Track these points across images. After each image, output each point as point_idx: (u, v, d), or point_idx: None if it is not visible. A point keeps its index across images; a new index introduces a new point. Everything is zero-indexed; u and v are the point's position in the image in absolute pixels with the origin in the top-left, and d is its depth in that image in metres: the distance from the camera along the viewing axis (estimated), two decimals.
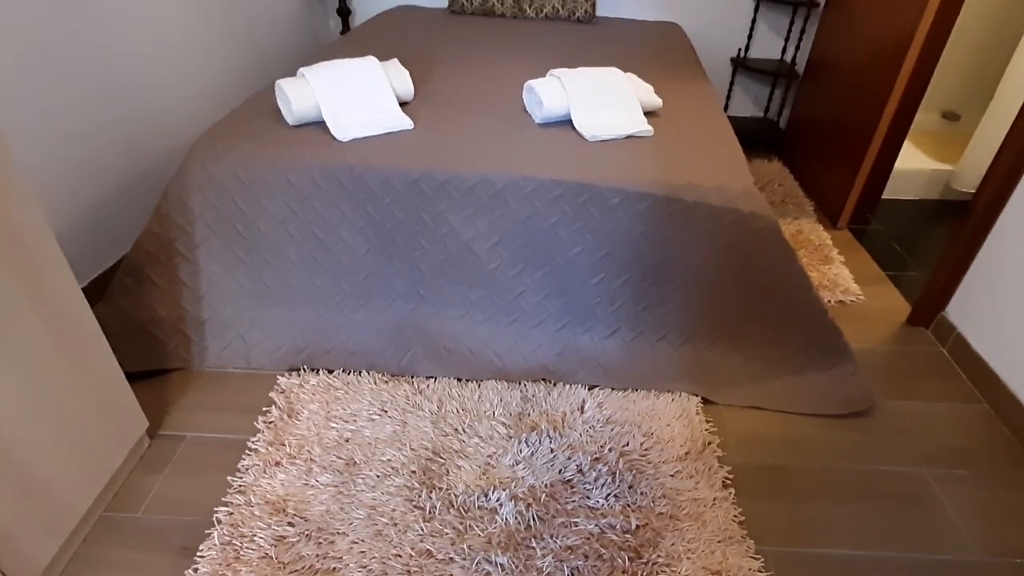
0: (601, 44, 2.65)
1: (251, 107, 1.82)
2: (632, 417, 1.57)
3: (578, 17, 3.00)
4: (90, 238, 1.84)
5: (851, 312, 2.02)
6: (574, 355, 1.70)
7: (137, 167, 2.00)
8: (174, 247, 1.62)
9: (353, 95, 1.72)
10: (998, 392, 1.66)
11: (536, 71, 2.19)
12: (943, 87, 3.15)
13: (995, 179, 1.73)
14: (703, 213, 1.55)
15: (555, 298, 1.69)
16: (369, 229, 1.63)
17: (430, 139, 1.68)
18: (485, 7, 3.02)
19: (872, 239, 2.45)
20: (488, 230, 1.61)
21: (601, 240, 1.60)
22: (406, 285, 1.69)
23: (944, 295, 1.91)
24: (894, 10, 2.25)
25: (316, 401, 1.57)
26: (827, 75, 2.79)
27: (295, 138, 1.65)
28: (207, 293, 1.66)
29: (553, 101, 1.77)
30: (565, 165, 1.60)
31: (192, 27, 2.23)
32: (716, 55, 3.25)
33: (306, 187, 1.59)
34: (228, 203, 1.60)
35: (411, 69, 2.19)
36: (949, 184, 2.71)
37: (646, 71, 2.30)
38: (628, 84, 1.83)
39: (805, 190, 2.81)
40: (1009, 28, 2.96)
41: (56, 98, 1.67)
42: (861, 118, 2.42)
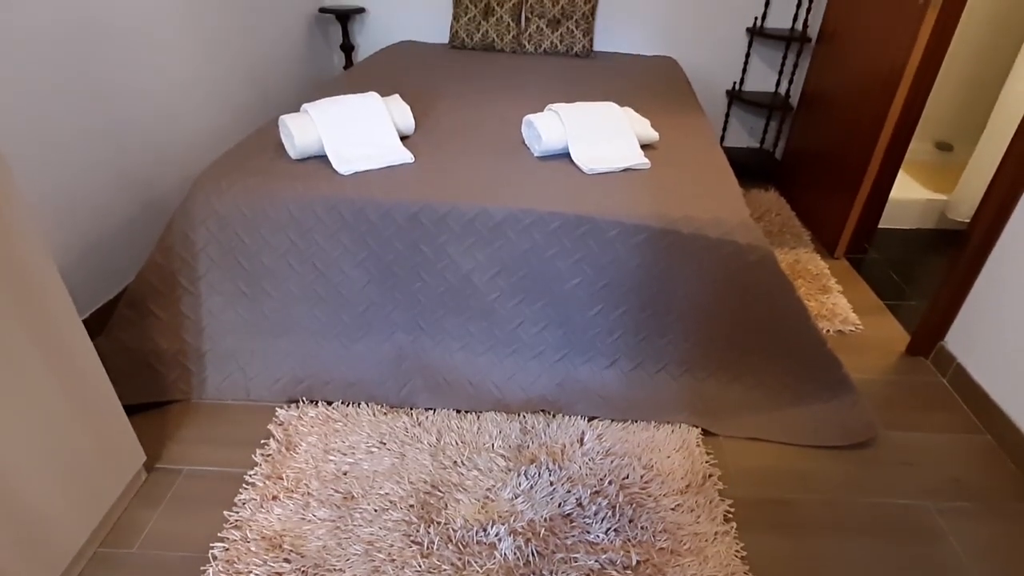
0: (599, 78, 2.70)
1: (255, 141, 1.85)
2: (632, 449, 1.56)
3: (576, 52, 3.07)
4: (93, 269, 1.86)
5: (850, 342, 2.02)
6: (573, 386, 1.69)
7: (142, 199, 2.03)
8: (176, 279, 1.63)
9: (355, 130, 1.75)
10: (1000, 423, 1.65)
11: (535, 105, 2.23)
12: (935, 118, 3.21)
13: (989, 209, 1.75)
14: (700, 245, 1.56)
15: (554, 329, 1.69)
16: (369, 261, 1.64)
17: (430, 172, 1.71)
18: (485, 42, 3.09)
19: (870, 268, 2.47)
20: (487, 262, 1.62)
21: (599, 272, 1.61)
22: (406, 316, 1.70)
23: (943, 325, 1.91)
24: (885, 43, 2.30)
25: (314, 433, 1.56)
26: (821, 107, 2.84)
27: (297, 172, 1.68)
28: (208, 325, 1.66)
29: (551, 135, 1.80)
30: (563, 198, 1.62)
31: (199, 62, 2.29)
32: (712, 88, 3.32)
33: (308, 220, 1.61)
34: (231, 236, 1.62)
35: (413, 103, 2.23)
36: (945, 213, 2.74)
37: (643, 104, 2.35)
38: (625, 118, 1.87)
39: (802, 219, 2.84)
40: (999, 60, 3.02)
41: (63, 129, 1.70)
42: (855, 149, 2.45)
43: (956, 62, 3.05)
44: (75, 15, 1.71)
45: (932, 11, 2.02)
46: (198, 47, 2.28)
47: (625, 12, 3.16)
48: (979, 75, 3.10)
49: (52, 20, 1.64)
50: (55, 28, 1.65)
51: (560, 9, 3.02)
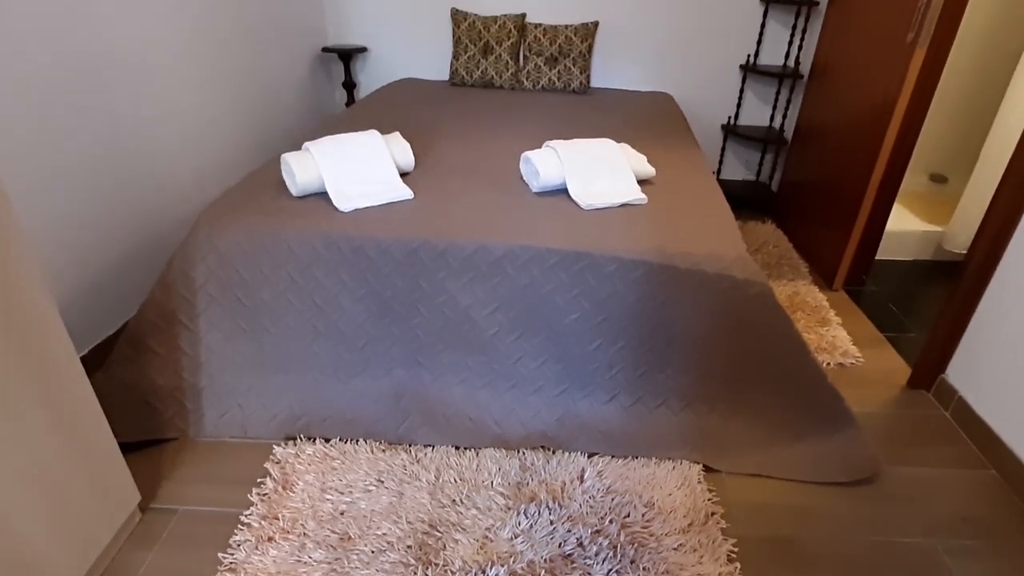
0: (596, 114, 2.75)
1: (257, 179, 1.88)
2: (633, 486, 1.54)
3: (573, 88, 3.13)
4: (95, 304, 1.86)
5: (851, 375, 2.01)
6: (573, 421, 1.68)
7: (143, 235, 2.05)
8: (176, 316, 1.63)
9: (355, 167, 1.78)
10: (1004, 458, 1.64)
11: (533, 141, 2.27)
12: (929, 150, 3.25)
13: (985, 241, 1.76)
14: (697, 280, 1.57)
15: (553, 364, 1.69)
16: (369, 297, 1.65)
17: (430, 209, 1.73)
18: (484, 79, 3.16)
19: (868, 300, 2.47)
20: (486, 297, 1.63)
21: (598, 307, 1.61)
22: (404, 352, 1.70)
23: (943, 357, 1.91)
24: (875, 79, 2.35)
25: (312, 472, 1.55)
26: (815, 140, 2.88)
27: (298, 209, 1.70)
28: (206, 361, 1.66)
29: (549, 171, 1.82)
30: (561, 233, 1.63)
31: (203, 100, 2.33)
32: (707, 122, 3.37)
33: (308, 256, 1.62)
34: (231, 272, 1.63)
35: (413, 140, 2.27)
36: (941, 245, 2.75)
37: (640, 140, 2.38)
38: (621, 154, 1.90)
39: (799, 251, 2.86)
40: (989, 93, 3.08)
41: (66, 163, 1.73)
42: (850, 181, 2.48)
43: (947, 96, 3.11)
44: (79, 50, 1.75)
45: (920, 49, 2.07)
46: (203, 84, 2.33)
47: (621, 50, 3.24)
48: (970, 108, 3.16)
49: (57, 55, 1.67)
50: (59, 63, 1.68)
51: (557, 48, 3.09)
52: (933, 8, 1.99)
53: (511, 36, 3.11)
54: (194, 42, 2.26)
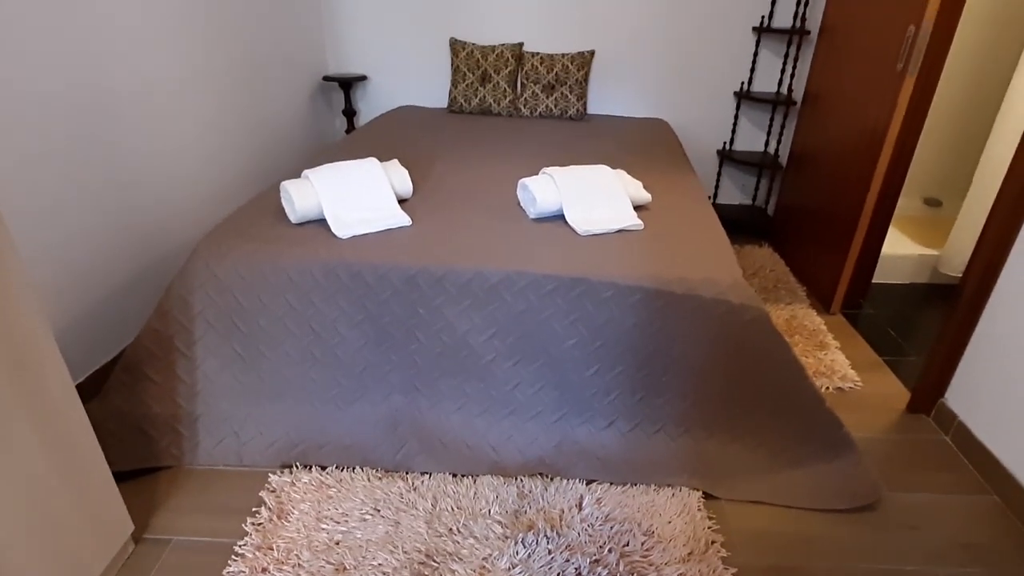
0: (593, 140, 2.79)
1: (256, 206, 1.89)
2: (632, 514, 1.53)
3: (570, 115, 3.17)
4: (91, 332, 1.86)
5: (850, 399, 2.01)
6: (571, 447, 1.67)
7: (142, 263, 2.06)
8: (173, 343, 1.63)
9: (354, 194, 1.80)
10: (1006, 483, 1.62)
11: (530, 167, 2.30)
12: (922, 175, 3.29)
13: (979, 265, 1.77)
14: (693, 305, 1.58)
15: (551, 390, 1.68)
16: (366, 323, 1.65)
17: (427, 235, 1.74)
18: (483, 107, 3.21)
19: (866, 324, 2.47)
20: (483, 323, 1.63)
21: (595, 332, 1.62)
22: (402, 378, 1.69)
23: (942, 381, 1.90)
24: (867, 106, 2.39)
25: (307, 500, 1.53)
26: (809, 165, 2.91)
27: (297, 236, 1.71)
28: (203, 389, 1.66)
29: (546, 197, 1.84)
30: (558, 259, 1.64)
31: (204, 127, 2.36)
32: (703, 148, 3.41)
33: (306, 283, 1.63)
34: (229, 299, 1.63)
35: (411, 166, 2.29)
36: (937, 268, 2.77)
37: (636, 165, 2.41)
38: (618, 181, 1.92)
39: (796, 275, 2.87)
40: (980, 118, 3.13)
41: (66, 190, 1.74)
42: (845, 205, 2.50)
43: (939, 121, 3.16)
44: (81, 79, 1.77)
45: (910, 78, 2.10)
46: (204, 113, 2.36)
47: (617, 77, 3.30)
48: (962, 133, 3.20)
49: (58, 83, 1.70)
50: (63, 92, 1.71)
51: (555, 76, 3.15)
52: (921, 39, 2.03)
53: (509, 65, 3.17)
54: (197, 72, 2.30)
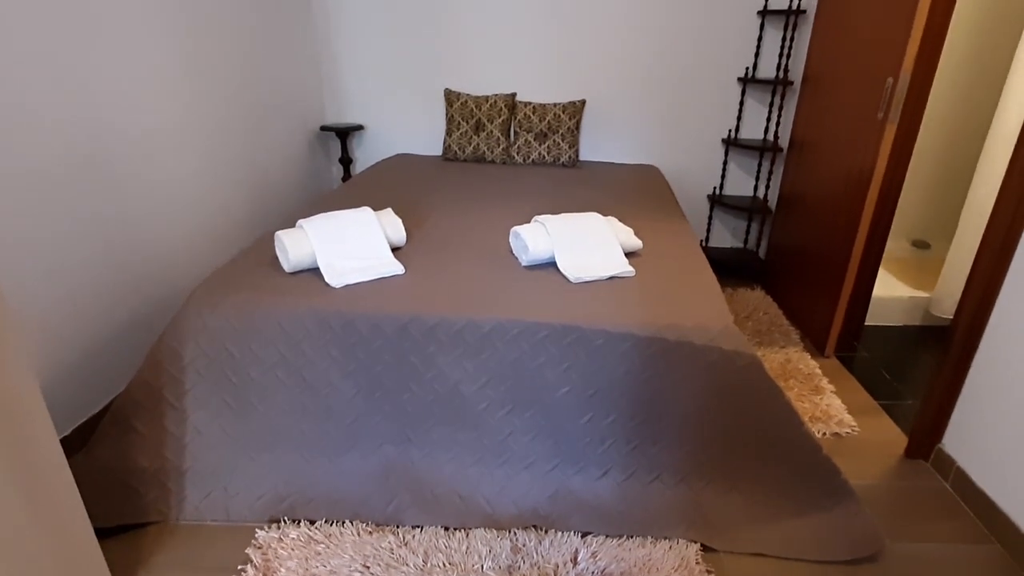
0: (585, 186, 2.84)
1: (250, 256, 1.91)
2: (628, 568, 1.49)
3: (563, 162, 3.24)
4: (80, 383, 1.85)
5: (847, 445, 1.99)
6: (566, 498, 1.64)
7: (134, 313, 2.06)
8: (162, 395, 1.62)
9: (347, 243, 1.82)
10: (1008, 531, 1.59)
11: (523, 214, 2.33)
12: (910, 217, 3.34)
13: (969, 307, 1.78)
14: (686, 352, 1.58)
15: (544, 438, 1.66)
16: (358, 372, 1.64)
17: (420, 283, 1.75)
18: (476, 155, 3.27)
19: (860, 367, 2.47)
20: (476, 372, 1.62)
21: (588, 380, 1.61)
22: (394, 428, 1.67)
23: (938, 426, 1.89)
24: (851, 152, 2.44)
25: (295, 557, 1.49)
26: (798, 209, 2.96)
27: (290, 285, 1.72)
28: (191, 441, 1.63)
29: (538, 245, 1.86)
30: (550, 307, 1.65)
31: (201, 179, 2.40)
32: (694, 192, 3.47)
33: (298, 333, 1.63)
34: (220, 350, 1.63)
35: (406, 214, 2.32)
36: (929, 310, 2.78)
37: (627, 211, 2.45)
38: (609, 228, 1.94)
39: (789, 318, 2.88)
40: (962, 162, 3.20)
41: (57, 241, 1.75)
42: (834, 248, 2.54)
43: (922, 165, 3.23)
44: (77, 127, 1.80)
45: (891, 125, 2.16)
46: (201, 164, 2.40)
47: (608, 125, 3.38)
48: (946, 176, 3.27)
49: (55, 132, 1.72)
50: (57, 140, 1.73)
51: (547, 124, 3.22)
52: (899, 89, 2.10)
53: (502, 114, 3.25)
54: (195, 122, 2.34)
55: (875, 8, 2.30)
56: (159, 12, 2.11)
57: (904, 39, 2.07)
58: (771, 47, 3.13)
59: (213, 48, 2.43)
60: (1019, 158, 1.62)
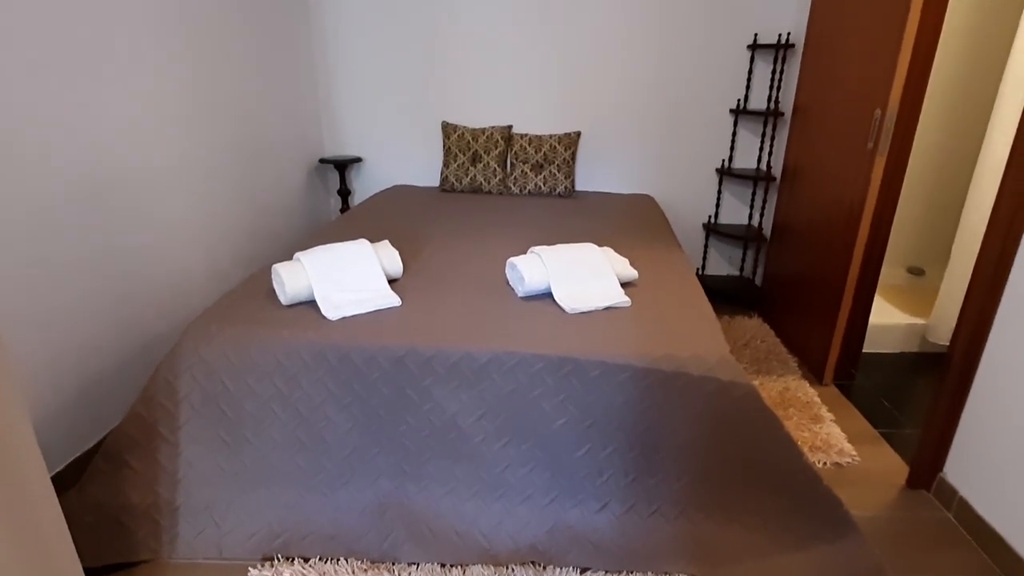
0: (581, 216, 2.86)
1: (247, 288, 1.91)
2: None
3: (559, 193, 3.27)
4: (75, 417, 1.83)
5: (848, 475, 1.97)
6: (564, 532, 1.62)
7: (131, 346, 2.06)
8: (156, 429, 1.61)
9: (344, 276, 1.82)
10: (1011, 562, 1.57)
11: (520, 245, 2.35)
12: (903, 244, 3.37)
13: (964, 334, 1.79)
14: (682, 383, 1.57)
15: (542, 471, 1.65)
16: (354, 405, 1.63)
17: (416, 315, 1.76)
18: (473, 186, 3.31)
19: (859, 395, 2.46)
20: (472, 404, 1.62)
21: (585, 411, 1.60)
22: (390, 461, 1.66)
23: (939, 455, 1.88)
24: (843, 181, 2.47)
25: None
26: (792, 236, 2.98)
27: (286, 318, 1.72)
28: (184, 476, 1.61)
29: (534, 276, 1.87)
30: (546, 338, 1.65)
31: (201, 209, 2.42)
32: (689, 221, 3.51)
33: (294, 366, 1.63)
34: (216, 383, 1.62)
35: (403, 245, 2.34)
36: (926, 337, 2.79)
37: (623, 240, 2.47)
38: (604, 259, 1.95)
39: (787, 345, 2.88)
40: (953, 190, 3.24)
41: (57, 274, 1.76)
42: (830, 276, 2.55)
43: (914, 192, 3.27)
44: (76, 159, 1.82)
45: (880, 156, 2.20)
46: (200, 198, 2.42)
47: (603, 156, 3.43)
48: (938, 203, 3.31)
49: (54, 163, 1.73)
50: (55, 172, 1.74)
51: (543, 155, 3.27)
52: (887, 121, 2.14)
53: (498, 145, 3.29)
54: (195, 155, 2.38)
55: (861, 42, 2.36)
56: (161, 47, 2.16)
57: (890, 72, 2.12)
58: (762, 79, 3.19)
59: (214, 82, 2.47)
60: (1007, 187, 1.65)
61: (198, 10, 2.34)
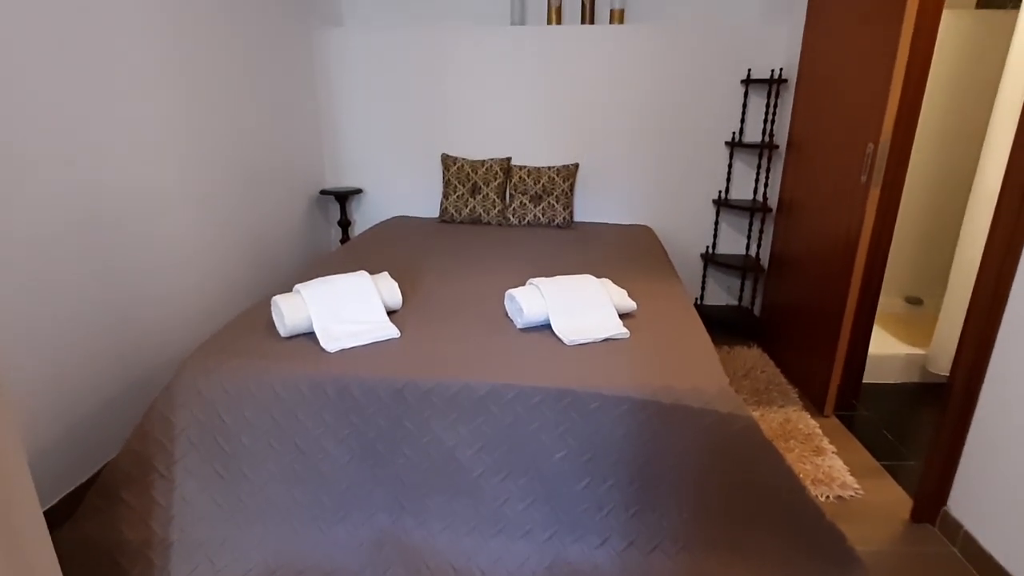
0: (579, 247, 2.88)
1: (245, 320, 1.92)
2: None
3: (558, 224, 3.30)
4: (71, 451, 1.82)
5: (852, 509, 1.94)
6: (564, 568, 1.59)
7: (128, 380, 2.05)
8: (152, 464, 1.59)
9: (343, 308, 1.83)
10: None
11: (519, 276, 2.36)
12: (900, 274, 3.39)
13: (964, 365, 1.78)
14: (682, 415, 1.57)
15: (541, 505, 1.63)
16: (352, 438, 1.62)
17: (415, 347, 1.76)
18: (473, 217, 3.34)
19: (861, 426, 2.44)
20: (471, 437, 1.61)
21: (584, 444, 1.59)
22: (387, 496, 1.64)
23: (943, 488, 1.85)
24: (838, 213, 2.50)
25: None
26: (790, 267, 3.00)
27: (285, 350, 1.72)
28: (179, 512, 1.59)
29: (533, 308, 1.88)
30: (545, 371, 1.65)
31: (202, 240, 2.44)
32: (687, 252, 3.53)
33: (292, 398, 1.62)
34: (213, 417, 1.61)
35: (402, 276, 2.35)
36: (926, 367, 2.78)
37: (621, 271, 2.48)
38: (603, 290, 1.96)
39: (787, 376, 2.87)
40: (948, 220, 3.27)
41: (56, 303, 1.76)
42: (828, 306, 2.55)
43: (910, 223, 3.30)
44: (78, 189, 1.84)
45: (875, 189, 2.22)
46: (201, 226, 2.44)
47: (601, 188, 3.47)
48: (934, 233, 3.33)
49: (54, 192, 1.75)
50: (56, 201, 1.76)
51: (541, 187, 3.31)
52: (880, 155, 2.17)
53: (497, 177, 3.33)
54: (196, 187, 2.40)
55: (852, 78, 2.41)
56: (165, 75, 2.20)
57: (881, 107, 2.16)
58: (756, 113, 3.25)
59: (217, 112, 2.52)
60: (1001, 217, 1.66)
61: (203, 40, 2.40)
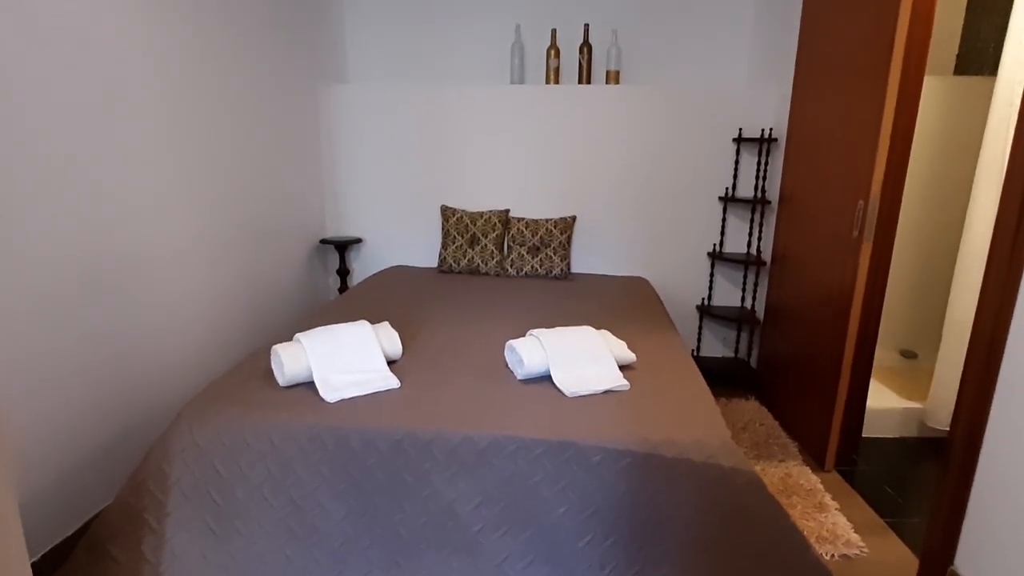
0: (577, 298, 2.90)
1: (244, 369, 1.90)
2: None
3: (555, 275, 3.34)
4: (61, 500, 1.77)
5: (858, 569, 1.90)
6: None
7: (123, 429, 2.01)
8: (143, 517, 1.55)
9: (343, 358, 1.83)
10: None
11: (518, 326, 2.37)
12: (895, 328, 3.42)
13: (964, 419, 1.78)
14: (684, 470, 1.55)
15: (542, 563, 1.59)
16: (349, 492, 1.59)
17: (416, 398, 1.75)
18: (471, 267, 3.37)
19: (862, 482, 2.42)
20: (470, 491, 1.58)
21: (585, 499, 1.56)
22: (383, 553, 1.59)
23: (948, 547, 1.82)
24: (831, 267, 2.54)
25: None
26: (785, 319, 3.02)
27: (283, 400, 1.70)
28: (167, 569, 1.54)
29: (533, 359, 1.88)
30: (546, 423, 1.64)
31: (201, 290, 2.44)
32: (683, 303, 3.56)
33: (289, 449, 1.59)
34: (207, 468, 1.58)
35: (402, 326, 2.35)
36: (924, 422, 2.77)
37: (619, 323, 2.49)
38: (603, 341, 1.97)
39: (786, 429, 2.85)
40: (940, 272, 3.33)
41: (51, 352, 1.75)
42: (824, 359, 2.56)
43: (903, 277, 3.36)
44: (78, 236, 1.83)
45: (866, 244, 2.28)
46: (201, 276, 2.45)
47: (598, 240, 3.52)
48: (926, 286, 3.39)
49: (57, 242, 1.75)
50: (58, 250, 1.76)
51: (539, 239, 3.36)
52: (871, 211, 2.23)
53: (496, 228, 3.39)
54: (197, 236, 2.42)
55: (841, 138, 2.50)
56: (166, 129, 2.23)
57: (870, 166, 2.23)
58: (748, 169, 3.35)
59: (218, 164, 2.56)
60: (992, 271, 1.69)
61: (204, 93, 2.46)
